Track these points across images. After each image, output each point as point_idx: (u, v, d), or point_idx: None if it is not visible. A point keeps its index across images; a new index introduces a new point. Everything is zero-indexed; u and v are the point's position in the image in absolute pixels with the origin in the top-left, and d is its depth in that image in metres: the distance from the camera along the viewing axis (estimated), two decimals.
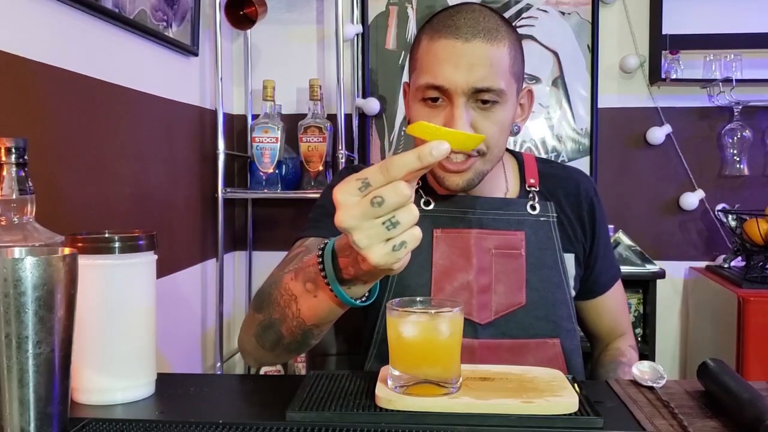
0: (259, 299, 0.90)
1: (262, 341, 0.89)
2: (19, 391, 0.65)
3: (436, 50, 0.96)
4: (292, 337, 0.85)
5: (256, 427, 0.71)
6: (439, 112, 0.97)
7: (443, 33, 0.96)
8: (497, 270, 1.03)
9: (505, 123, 0.99)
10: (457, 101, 0.94)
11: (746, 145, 2.22)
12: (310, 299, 0.80)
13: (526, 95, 1.07)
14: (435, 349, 0.76)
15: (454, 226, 1.05)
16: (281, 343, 0.87)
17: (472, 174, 0.99)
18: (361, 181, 0.64)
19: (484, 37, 0.95)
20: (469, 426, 0.71)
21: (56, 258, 0.66)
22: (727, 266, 2.17)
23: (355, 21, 2.31)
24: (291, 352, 0.90)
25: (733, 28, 2.21)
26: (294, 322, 0.83)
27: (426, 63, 0.97)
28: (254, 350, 0.92)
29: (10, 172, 0.77)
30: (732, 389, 0.75)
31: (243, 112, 2.37)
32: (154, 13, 1.74)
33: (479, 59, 0.94)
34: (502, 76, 0.95)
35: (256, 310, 0.89)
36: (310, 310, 0.81)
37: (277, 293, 0.85)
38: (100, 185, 1.52)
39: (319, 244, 1.02)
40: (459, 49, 0.94)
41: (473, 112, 0.96)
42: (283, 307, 0.84)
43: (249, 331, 0.91)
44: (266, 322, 0.87)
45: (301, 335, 0.84)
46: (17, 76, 1.25)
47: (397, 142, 2.36)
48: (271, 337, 0.87)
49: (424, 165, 0.62)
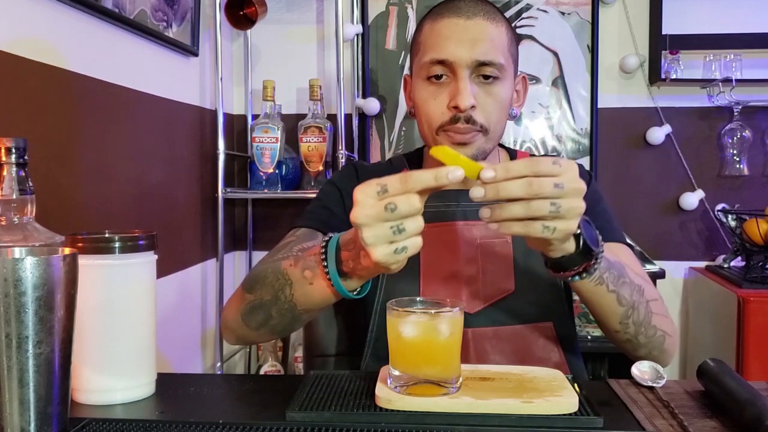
0: (251, 281, 0.95)
1: (247, 320, 0.94)
2: (19, 391, 0.65)
3: (440, 29, 1.01)
4: (280, 318, 0.91)
5: (256, 427, 0.71)
6: (444, 89, 1.00)
7: (445, 14, 1.01)
8: (484, 259, 1.04)
9: (504, 101, 1.02)
10: (461, 74, 0.98)
11: (746, 145, 2.22)
12: (306, 286, 0.86)
13: (521, 82, 1.11)
14: (435, 349, 0.76)
15: (439, 220, 1.07)
16: (268, 324, 0.92)
17: (474, 149, 1.01)
18: (380, 186, 0.71)
19: (485, 15, 1.00)
20: (469, 426, 0.71)
21: (56, 258, 0.66)
22: (726, 266, 2.17)
23: (355, 21, 2.32)
24: (275, 333, 0.96)
25: (733, 28, 2.21)
26: (286, 305, 0.89)
27: (430, 42, 1.01)
28: (238, 328, 0.97)
29: (10, 172, 0.77)
30: (732, 389, 0.75)
31: (243, 112, 2.37)
32: (154, 13, 1.74)
33: (481, 34, 0.99)
34: (501, 52, 1.00)
35: (247, 290, 0.94)
36: (304, 296, 0.87)
37: (272, 277, 0.90)
38: (100, 185, 1.52)
39: (310, 235, 1.04)
40: (462, 26, 0.99)
41: (476, 86, 1.00)
42: (276, 290, 0.89)
43: (236, 309, 0.96)
44: (257, 303, 0.92)
45: (290, 318, 0.91)
46: (17, 76, 1.25)
47: (397, 142, 2.36)
48: (259, 318, 0.92)
49: (438, 185, 0.70)
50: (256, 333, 0.95)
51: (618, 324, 0.93)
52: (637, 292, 0.92)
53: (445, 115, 1.00)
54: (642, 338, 0.94)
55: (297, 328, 0.96)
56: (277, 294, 0.89)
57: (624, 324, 0.92)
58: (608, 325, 0.94)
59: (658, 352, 0.96)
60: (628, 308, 0.91)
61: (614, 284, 0.89)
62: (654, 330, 0.94)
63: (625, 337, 0.94)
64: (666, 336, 0.96)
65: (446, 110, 0.99)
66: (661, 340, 0.95)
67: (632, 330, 0.93)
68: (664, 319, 0.97)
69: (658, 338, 0.95)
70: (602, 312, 0.92)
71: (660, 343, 0.95)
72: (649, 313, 0.94)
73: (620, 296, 0.90)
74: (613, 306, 0.91)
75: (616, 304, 0.91)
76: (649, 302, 0.94)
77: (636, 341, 0.94)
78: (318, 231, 1.07)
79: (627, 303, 0.91)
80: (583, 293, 0.90)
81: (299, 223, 1.10)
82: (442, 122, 1.00)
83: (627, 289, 0.91)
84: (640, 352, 0.96)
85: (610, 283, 0.89)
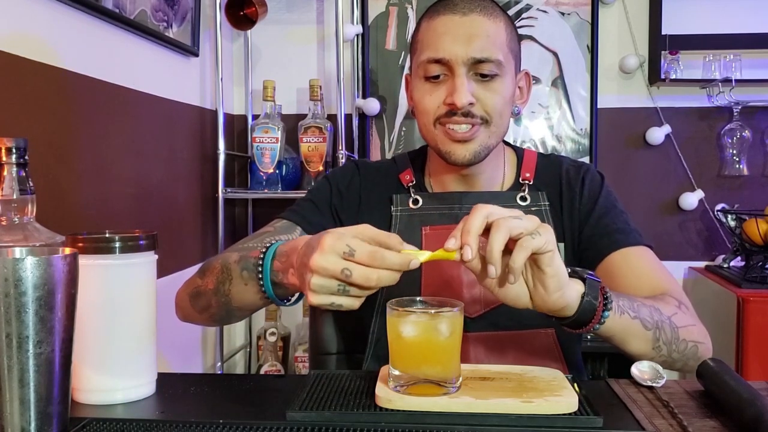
0: (205, 266, 1.00)
1: (193, 303, 0.99)
2: (20, 390, 0.65)
3: (436, 26, 1.00)
4: (218, 308, 0.96)
5: (256, 427, 0.71)
6: (441, 87, 1.00)
7: (441, 11, 1.01)
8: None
9: (506, 96, 1.01)
10: (457, 71, 0.97)
11: (746, 145, 2.22)
12: (241, 285, 0.90)
13: (524, 78, 1.09)
14: (435, 348, 0.76)
15: (441, 223, 1.06)
16: (208, 311, 0.98)
17: (477, 145, 1.00)
18: (350, 248, 0.73)
19: (481, 11, 0.99)
20: (469, 426, 0.71)
21: (57, 258, 0.66)
22: (726, 266, 2.17)
23: (355, 21, 2.32)
24: (215, 321, 1.01)
25: (733, 28, 2.21)
26: (222, 298, 0.93)
27: (426, 40, 1.01)
28: (186, 307, 1.02)
29: (11, 172, 0.77)
30: (732, 389, 0.75)
31: (243, 112, 2.38)
32: (155, 14, 1.74)
33: (477, 30, 0.98)
34: (500, 48, 0.99)
35: (199, 275, 0.99)
36: (238, 294, 0.91)
37: (220, 269, 0.94)
38: (100, 185, 1.52)
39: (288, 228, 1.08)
40: (457, 22, 0.98)
41: (474, 84, 0.99)
42: (218, 283, 0.94)
43: (187, 290, 1.01)
44: (202, 289, 0.97)
45: (225, 311, 0.96)
46: (17, 76, 1.25)
47: (397, 143, 2.37)
48: (202, 303, 0.98)
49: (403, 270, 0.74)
50: (199, 316, 1.00)
51: (651, 350, 0.90)
52: (654, 311, 0.91)
53: (441, 108, 0.99)
54: (675, 355, 0.92)
55: (234, 321, 1.02)
56: (218, 286, 0.93)
57: (657, 348, 0.90)
58: (643, 356, 0.91)
59: (694, 362, 0.92)
60: (654, 330, 0.89)
61: (633, 310, 0.88)
62: (685, 344, 0.92)
63: (660, 360, 0.91)
64: (698, 345, 0.94)
65: (443, 105, 0.99)
66: (695, 350, 0.93)
67: (665, 351, 0.91)
68: (692, 329, 0.94)
69: (691, 350, 0.93)
70: (635, 344, 0.89)
71: (694, 353, 0.93)
72: (675, 328, 0.92)
73: (643, 320, 0.88)
74: (641, 333, 0.88)
75: (643, 330, 0.88)
76: (671, 318, 0.92)
77: (670, 359, 0.92)
78: (297, 225, 1.08)
79: (651, 325, 0.89)
80: (615, 332, 0.87)
81: (283, 215, 1.11)
82: (439, 114, 0.99)
83: (646, 310, 0.89)
84: (677, 366, 0.94)
85: (629, 310, 0.87)
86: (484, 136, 1.00)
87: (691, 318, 0.96)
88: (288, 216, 1.10)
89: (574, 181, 1.09)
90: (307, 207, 1.11)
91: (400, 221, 1.08)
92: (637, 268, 1.03)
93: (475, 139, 1.00)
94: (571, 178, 1.10)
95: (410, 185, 1.11)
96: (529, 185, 1.09)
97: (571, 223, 1.08)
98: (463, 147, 1.00)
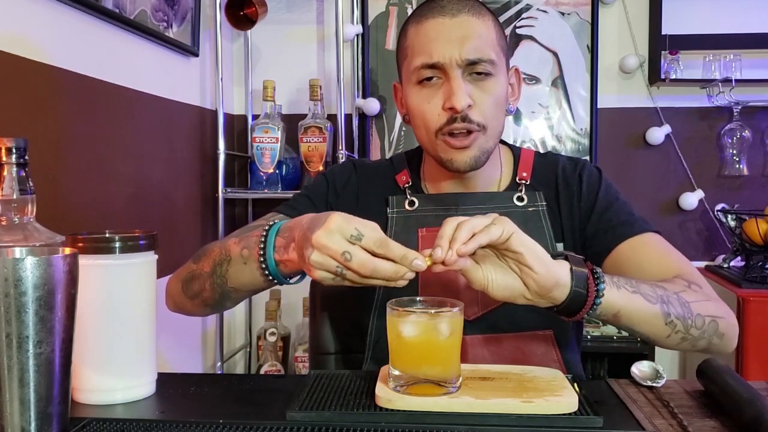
0: (200, 252, 0.99)
1: (185, 288, 0.99)
2: (20, 390, 0.65)
3: (426, 30, 0.99)
4: (212, 292, 0.95)
5: (256, 427, 0.71)
6: (437, 91, 0.99)
7: (429, 14, 1.00)
8: None
9: (500, 96, 1.01)
10: (453, 74, 0.97)
11: (746, 145, 2.22)
12: (240, 264, 0.90)
13: (514, 74, 1.09)
14: (435, 348, 0.76)
15: (438, 225, 1.05)
16: (201, 296, 0.97)
17: (476, 151, 1.00)
18: (357, 232, 0.74)
19: (470, 11, 0.99)
20: (468, 425, 0.71)
21: (57, 258, 0.66)
22: (726, 266, 2.17)
23: (355, 21, 2.32)
24: (206, 307, 1.00)
25: (733, 28, 2.21)
26: (218, 280, 0.93)
27: (417, 45, 1.00)
28: (177, 295, 1.01)
29: (11, 172, 0.77)
30: (731, 389, 0.75)
31: (243, 112, 2.38)
32: (155, 14, 1.74)
33: (468, 31, 0.97)
34: (491, 47, 0.99)
35: (194, 260, 0.99)
36: (236, 274, 0.91)
37: (217, 251, 0.95)
38: (100, 185, 1.52)
39: None
40: (448, 25, 0.98)
41: (470, 85, 0.98)
42: (215, 264, 0.94)
43: (179, 276, 1.01)
44: (197, 272, 0.97)
45: (220, 294, 0.95)
46: (17, 76, 1.25)
47: (397, 142, 2.37)
48: (195, 287, 0.97)
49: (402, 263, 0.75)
50: (191, 303, 1.00)
51: (666, 327, 0.87)
52: (657, 287, 0.88)
53: (441, 117, 0.98)
54: (695, 331, 0.89)
55: (227, 306, 1.00)
56: (215, 268, 0.93)
57: (671, 324, 0.87)
58: (658, 332, 0.88)
59: (717, 339, 0.91)
60: (660, 304, 0.87)
61: (631, 285, 0.86)
62: (702, 318, 0.89)
63: (678, 337, 0.88)
64: (717, 319, 0.91)
65: (442, 112, 0.98)
66: (714, 326, 0.90)
67: (681, 326, 0.88)
68: (708, 303, 0.91)
69: (710, 325, 0.90)
70: (646, 322, 0.87)
71: (714, 329, 0.90)
72: (685, 303, 0.89)
73: (645, 294, 0.86)
74: (647, 308, 0.86)
75: (647, 304, 0.86)
76: (679, 293, 0.89)
77: (691, 337, 0.89)
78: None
79: (655, 298, 0.87)
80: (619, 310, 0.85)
81: (278, 208, 1.12)
82: (440, 125, 0.98)
83: (646, 286, 0.88)
84: (700, 345, 0.91)
85: (626, 285, 0.86)
86: (483, 141, 1.00)
87: (703, 295, 0.93)
88: (283, 210, 1.11)
89: (571, 180, 1.09)
90: (303, 202, 1.11)
91: (396, 223, 1.08)
92: (644, 255, 1.01)
93: (473, 146, 1.00)
94: (567, 177, 1.09)
95: (406, 186, 1.11)
96: (526, 185, 1.09)
97: (571, 222, 1.07)
98: (463, 154, 1.00)
